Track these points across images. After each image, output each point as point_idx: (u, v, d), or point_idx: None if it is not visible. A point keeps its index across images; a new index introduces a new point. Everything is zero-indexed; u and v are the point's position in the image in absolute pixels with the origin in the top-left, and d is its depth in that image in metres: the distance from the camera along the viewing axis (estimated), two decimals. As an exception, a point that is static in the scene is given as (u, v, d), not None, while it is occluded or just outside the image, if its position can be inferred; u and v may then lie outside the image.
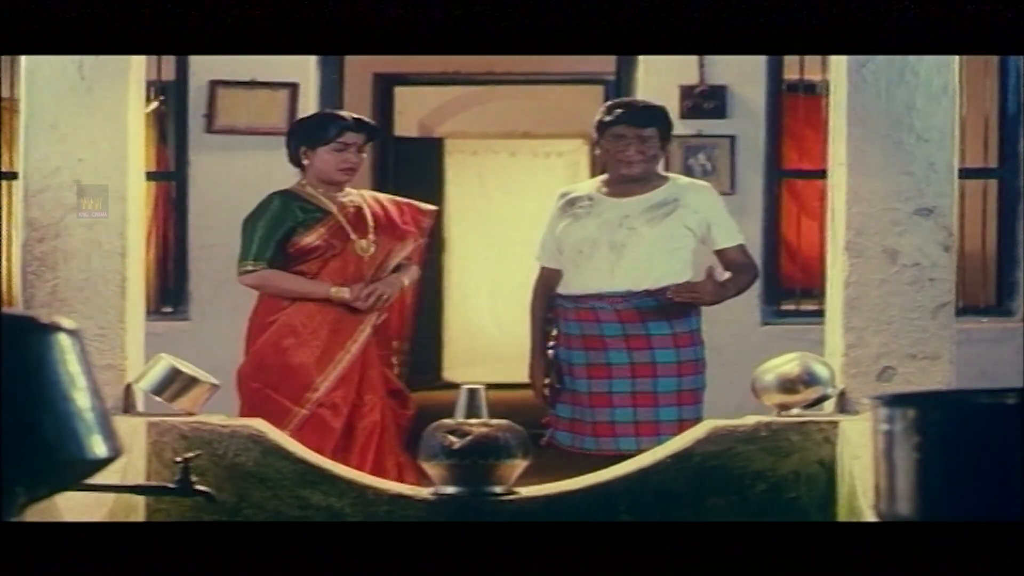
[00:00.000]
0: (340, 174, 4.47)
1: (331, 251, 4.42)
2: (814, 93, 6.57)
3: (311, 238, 4.41)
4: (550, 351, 4.50)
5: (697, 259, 4.45)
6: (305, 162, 4.48)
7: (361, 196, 4.57)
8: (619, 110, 4.48)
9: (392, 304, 4.53)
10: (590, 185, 4.59)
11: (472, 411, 3.88)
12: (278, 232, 4.40)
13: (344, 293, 4.40)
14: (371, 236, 4.47)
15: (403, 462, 4.42)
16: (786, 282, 6.77)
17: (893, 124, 3.96)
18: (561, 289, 4.46)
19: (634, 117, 4.45)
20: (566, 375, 4.43)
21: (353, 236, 4.45)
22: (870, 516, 3.00)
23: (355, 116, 4.56)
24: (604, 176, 4.53)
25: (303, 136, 4.50)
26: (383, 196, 4.68)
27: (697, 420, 4.18)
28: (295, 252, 4.42)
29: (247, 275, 4.43)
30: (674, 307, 4.33)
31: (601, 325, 4.35)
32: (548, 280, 4.51)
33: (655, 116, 4.49)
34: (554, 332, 4.49)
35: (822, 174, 4.51)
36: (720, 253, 4.44)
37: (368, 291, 4.41)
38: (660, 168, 4.61)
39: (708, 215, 4.42)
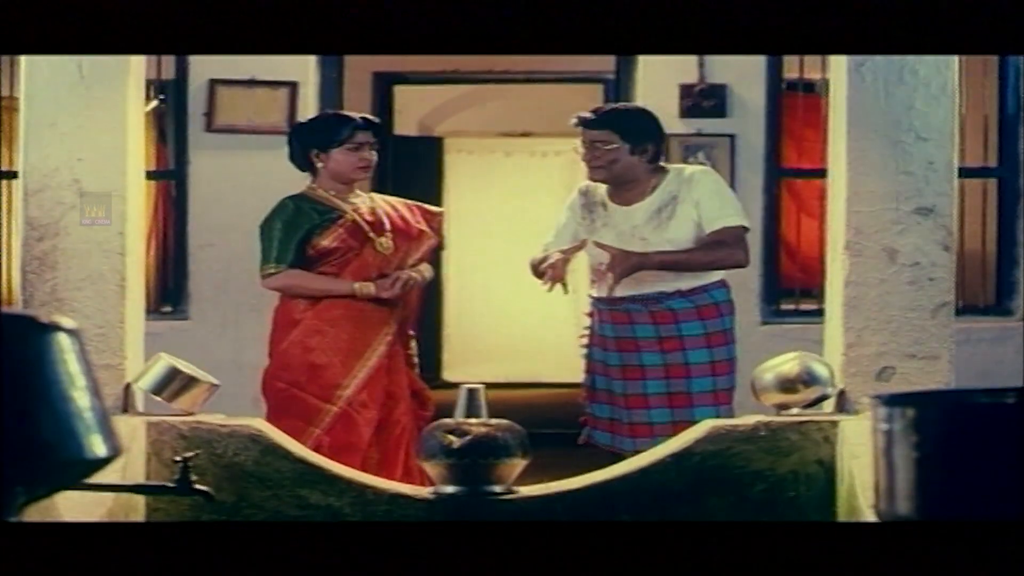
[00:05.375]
0: (358, 172, 4.47)
1: (351, 252, 4.41)
2: (814, 92, 6.58)
3: (329, 240, 4.40)
4: (583, 349, 4.50)
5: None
6: (318, 164, 4.46)
7: (371, 198, 4.57)
8: (579, 115, 4.40)
9: (409, 303, 4.53)
10: (604, 189, 4.45)
11: (472, 411, 3.89)
12: (296, 235, 4.39)
13: (369, 288, 4.40)
14: (389, 235, 4.47)
15: None
16: (785, 281, 6.78)
17: (892, 123, 3.96)
18: (595, 292, 4.45)
19: (584, 120, 4.36)
20: (601, 375, 4.42)
21: (372, 235, 4.45)
22: (869, 515, 3.01)
23: (361, 115, 4.57)
24: None
25: (313, 138, 4.49)
26: (392, 199, 4.67)
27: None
28: (315, 254, 4.41)
29: (271, 278, 4.42)
30: (708, 306, 4.32)
31: (634, 327, 4.32)
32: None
33: (607, 119, 4.36)
34: (586, 331, 4.49)
35: (822, 173, 4.51)
36: (711, 236, 4.31)
37: (392, 278, 4.41)
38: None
39: (698, 199, 4.30)
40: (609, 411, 4.40)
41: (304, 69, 6.57)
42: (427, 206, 4.68)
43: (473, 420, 3.87)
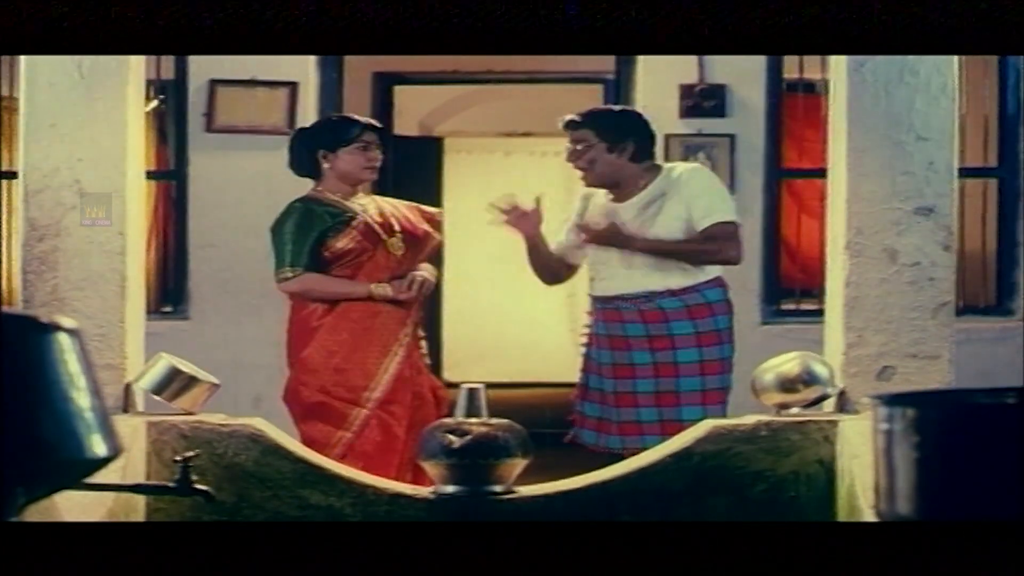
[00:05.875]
0: (367, 172, 4.47)
1: (365, 253, 4.41)
2: (814, 92, 6.57)
3: (344, 241, 4.40)
4: (582, 348, 4.51)
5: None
6: (325, 166, 4.45)
7: (375, 200, 4.57)
8: (562, 118, 4.44)
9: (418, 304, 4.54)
10: (603, 192, 4.49)
11: (472, 411, 3.89)
12: (309, 238, 4.38)
13: (385, 290, 4.40)
14: (399, 235, 4.48)
15: None
16: (786, 281, 6.77)
17: (893, 124, 3.96)
18: (591, 291, 4.47)
19: (566, 123, 4.41)
20: (595, 374, 4.43)
21: (383, 236, 4.45)
22: (870, 516, 3.01)
23: (365, 119, 4.59)
24: None
25: (320, 140, 4.48)
26: (394, 200, 4.67)
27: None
28: (330, 256, 4.39)
29: (287, 282, 4.39)
30: (699, 306, 4.32)
31: (625, 325, 4.34)
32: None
33: (584, 120, 4.40)
34: (587, 329, 4.50)
35: (822, 173, 4.51)
36: (702, 234, 4.31)
37: (408, 280, 4.42)
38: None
39: (689, 197, 4.31)
40: (599, 410, 4.42)
41: (304, 69, 6.56)
42: (426, 207, 4.69)
43: (473, 420, 3.87)
